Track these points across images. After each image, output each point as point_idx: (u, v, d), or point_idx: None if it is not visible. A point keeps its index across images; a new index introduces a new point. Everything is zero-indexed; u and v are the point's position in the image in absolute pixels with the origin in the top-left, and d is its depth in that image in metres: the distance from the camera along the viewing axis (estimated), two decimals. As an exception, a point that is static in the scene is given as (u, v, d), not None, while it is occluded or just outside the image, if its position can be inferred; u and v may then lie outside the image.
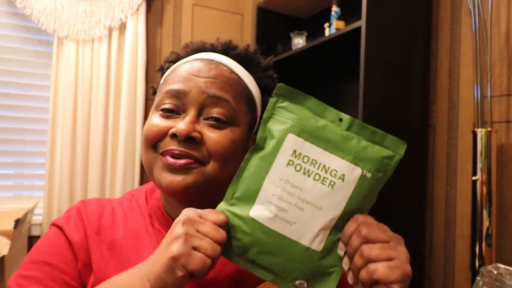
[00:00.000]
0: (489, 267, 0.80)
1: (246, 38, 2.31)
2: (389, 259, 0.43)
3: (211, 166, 0.54)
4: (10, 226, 1.34)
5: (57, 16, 1.80)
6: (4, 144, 1.85)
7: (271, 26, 2.17)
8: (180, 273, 0.43)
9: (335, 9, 1.72)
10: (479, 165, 1.15)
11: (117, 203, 0.62)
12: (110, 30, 1.89)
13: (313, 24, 2.15)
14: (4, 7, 1.84)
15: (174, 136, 0.53)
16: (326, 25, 1.77)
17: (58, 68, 1.82)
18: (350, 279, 0.46)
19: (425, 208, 1.47)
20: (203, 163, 0.54)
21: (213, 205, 0.51)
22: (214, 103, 0.55)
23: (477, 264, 1.14)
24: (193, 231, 0.44)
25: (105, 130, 1.88)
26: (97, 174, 1.84)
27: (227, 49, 0.62)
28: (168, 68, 0.62)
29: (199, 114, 0.55)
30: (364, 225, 0.45)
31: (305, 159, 0.47)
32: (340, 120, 0.48)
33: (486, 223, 1.13)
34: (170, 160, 0.52)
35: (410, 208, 1.41)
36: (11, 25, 1.86)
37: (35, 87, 1.91)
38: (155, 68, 2.06)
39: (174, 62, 0.62)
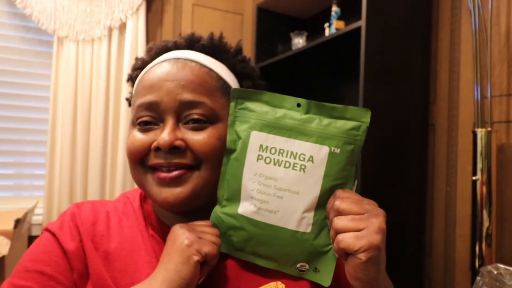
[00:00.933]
0: (489, 267, 0.80)
1: (246, 38, 2.31)
2: (357, 230, 0.44)
3: (204, 169, 0.52)
4: (10, 226, 1.34)
5: (57, 16, 1.80)
6: (4, 144, 1.85)
7: (271, 26, 2.17)
8: (196, 258, 0.46)
9: (335, 9, 1.72)
10: (479, 165, 1.15)
11: (111, 207, 0.60)
12: (110, 30, 1.89)
13: (313, 24, 2.15)
14: (4, 7, 1.84)
15: (157, 149, 0.51)
16: (326, 25, 1.77)
17: (58, 68, 1.82)
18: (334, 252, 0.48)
19: (425, 208, 1.47)
20: (196, 168, 0.52)
21: (209, 208, 0.54)
22: (190, 107, 0.52)
23: (477, 264, 1.14)
24: (192, 229, 0.50)
25: (105, 130, 1.88)
26: (97, 174, 1.84)
27: (191, 43, 0.59)
28: (136, 76, 0.60)
29: (177, 120, 0.53)
30: (339, 199, 0.47)
31: (272, 151, 0.49)
32: (299, 105, 0.50)
33: (486, 223, 1.13)
34: (161, 174, 0.51)
35: (410, 208, 1.41)
36: (11, 25, 1.86)
37: (35, 87, 1.91)
38: (155, 68, 2.06)
39: (141, 68, 0.60)
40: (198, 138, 0.52)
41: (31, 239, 1.77)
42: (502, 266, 0.80)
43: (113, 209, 0.60)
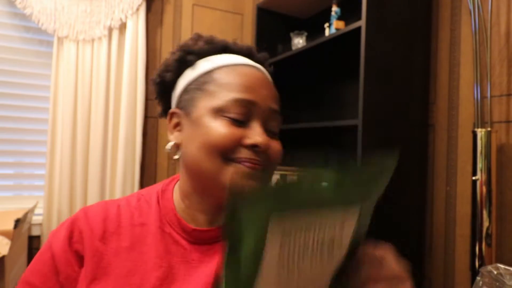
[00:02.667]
0: (489, 267, 0.80)
1: (246, 38, 2.31)
2: None
3: (269, 173, 0.57)
4: (10, 226, 1.34)
5: (57, 16, 1.80)
6: (4, 144, 1.85)
7: (271, 26, 2.17)
8: None
9: (335, 9, 1.72)
10: (479, 165, 1.15)
11: (124, 202, 0.61)
12: (110, 30, 1.89)
13: (313, 24, 2.15)
14: (4, 7, 1.84)
15: (253, 147, 0.53)
16: (326, 25, 1.77)
17: (58, 68, 1.82)
18: None
19: (425, 208, 1.47)
20: (265, 170, 0.56)
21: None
22: (273, 116, 0.57)
23: (477, 264, 1.14)
24: None
25: (105, 130, 1.88)
26: (97, 174, 1.84)
27: (250, 54, 0.63)
28: (192, 61, 0.60)
29: (262, 125, 0.56)
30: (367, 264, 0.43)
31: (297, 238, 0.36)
32: (320, 179, 0.39)
33: (486, 223, 1.13)
34: (251, 165, 0.53)
35: (410, 208, 1.41)
36: (11, 25, 1.86)
37: (35, 87, 1.91)
38: (155, 68, 2.06)
39: (197, 55, 0.60)
40: (275, 146, 0.57)
41: (31, 239, 1.77)
42: (502, 266, 0.80)
43: (125, 204, 0.60)
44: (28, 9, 1.76)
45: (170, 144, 0.59)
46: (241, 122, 0.54)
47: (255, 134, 0.53)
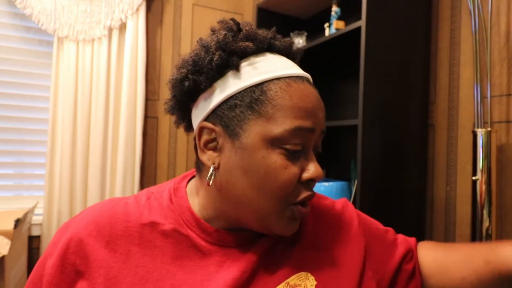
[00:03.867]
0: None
1: (246, 38, 2.32)
2: None
3: None
4: (10, 226, 1.34)
5: (57, 16, 1.80)
6: (4, 144, 1.85)
7: (271, 26, 2.16)
8: None
9: (335, 9, 1.72)
10: (479, 165, 1.15)
11: (132, 199, 0.55)
12: (110, 30, 1.89)
13: (313, 24, 2.15)
14: (4, 7, 1.84)
15: (310, 181, 0.49)
16: (326, 25, 1.77)
17: (58, 68, 1.82)
18: None
19: (425, 208, 1.47)
20: None
21: None
22: (322, 137, 0.52)
23: (477, 264, 1.14)
24: None
25: (105, 130, 1.88)
26: (97, 174, 1.84)
27: (289, 50, 0.56)
28: (235, 65, 0.49)
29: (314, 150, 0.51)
30: None
31: None
32: None
33: (486, 223, 1.13)
34: (305, 210, 0.50)
35: (410, 208, 1.41)
36: (11, 25, 1.86)
37: (35, 87, 1.91)
38: (155, 68, 2.07)
39: (239, 56, 0.50)
40: (320, 170, 0.50)
41: (31, 239, 1.77)
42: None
43: (133, 201, 0.55)
44: (28, 9, 1.76)
45: (211, 170, 0.50)
46: (299, 153, 0.48)
47: (313, 167, 0.49)
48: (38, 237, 1.81)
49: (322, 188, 1.63)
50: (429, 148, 1.47)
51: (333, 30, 1.67)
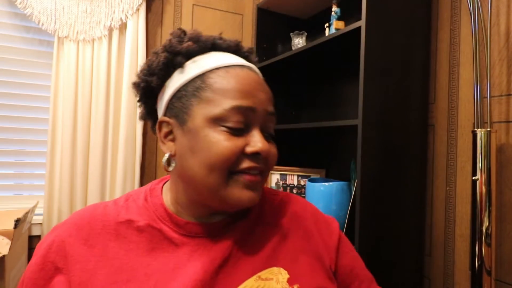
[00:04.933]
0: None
1: (246, 38, 2.32)
2: None
3: (265, 177, 0.57)
4: (10, 226, 1.35)
5: (58, 16, 1.80)
6: (4, 144, 1.85)
7: (271, 26, 2.18)
8: None
9: (335, 9, 1.72)
10: (478, 165, 1.15)
11: (111, 202, 0.60)
12: (111, 30, 1.89)
13: (313, 24, 2.16)
14: (4, 7, 1.84)
15: (255, 155, 0.53)
16: (326, 25, 1.77)
17: (58, 68, 1.82)
18: None
19: (425, 208, 1.47)
20: (263, 176, 0.56)
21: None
22: (270, 119, 0.56)
23: (476, 264, 1.14)
24: None
25: (105, 130, 1.88)
26: (97, 174, 1.85)
27: (238, 49, 0.61)
28: (181, 63, 0.57)
29: (261, 130, 0.55)
30: None
31: None
32: None
33: (485, 223, 1.13)
34: (251, 177, 0.53)
35: (410, 208, 1.41)
36: (11, 25, 1.86)
37: (36, 87, 1.91)
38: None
39: (186, 56, 0.57)
40: (273, 150, 0.56)
41: (31, 239, 1.78)
42: None
43: (112, 204, 0.60)
44: (28, 9, 1.76)
45: (166, 156, 0.56)
46: (241, 130, 0.53)
47: (257, 142, 0.53)
48: (38, 237, 1.81)
49: (322, 188, 1.63)
50: (429, 148, 1.47)
51: (333, 30, 1.67)
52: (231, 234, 0.57)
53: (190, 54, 0.57)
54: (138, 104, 0.64)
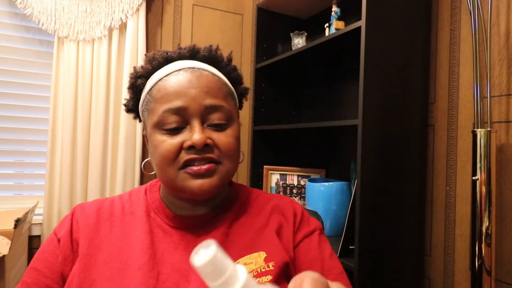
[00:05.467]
0: None
1: (246, 38, 2.32)
2: None
3: (225, 164, 0.60)
4: (10, 226, 1.35)
5: (58, 16, 1.80)
6: (4, 144, 1.85)
7: (271, 26, 2.18)
8: None
9: (335, 9, 1.72)
10: (478, 165, 1.15)
11: (117, 197, 0.69)
12: (111, 30, 1.89)
13: (313, 24, 2.16)
14: (5, 7, 1.84)
15: (191, 147, 0.58)
16: (326, 25, 1.77)
17: (58, 68, 1.82)
18: None
19: (425, 208, 1.47)
20: (220, 162, 0.60)
21: (217, 199, 0.66)
22: (211, 110, 0.60)
23: (476, 264, 1.14)
24: None
25: (105, 130, 1.88)
26: (98, 174, 1.85)
27: (193, 53, 0.66)
28: (142, 84, 0.65)
29: (202, 122, 0.59)
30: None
31: None
32: None
33: (485, 223, 1.13)
34: (194, 168, 0.58)
35: (410, 208, 1.42)
36: (11, 25, 1.86)
37: (36, 87, 1.91)
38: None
39: (145, 77, 0.65)
40: (222, 137, 0.60)
41: (31, 239, 1.77)
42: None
43: (118, 199, 0.69)
44: (28, 9, 1.76)
45: (144, 161, 0.68)
46: (178, 129, 0.59)
47: (191, 136, 0.57)
48: (38, 237, 1.81)
49: (322, 188, 1.63)
50: (429, 148, 1.47)
51: (333, 30, 1.67)
52: (215, 225, 0.64)
53: (148, 74, 0.65)
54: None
